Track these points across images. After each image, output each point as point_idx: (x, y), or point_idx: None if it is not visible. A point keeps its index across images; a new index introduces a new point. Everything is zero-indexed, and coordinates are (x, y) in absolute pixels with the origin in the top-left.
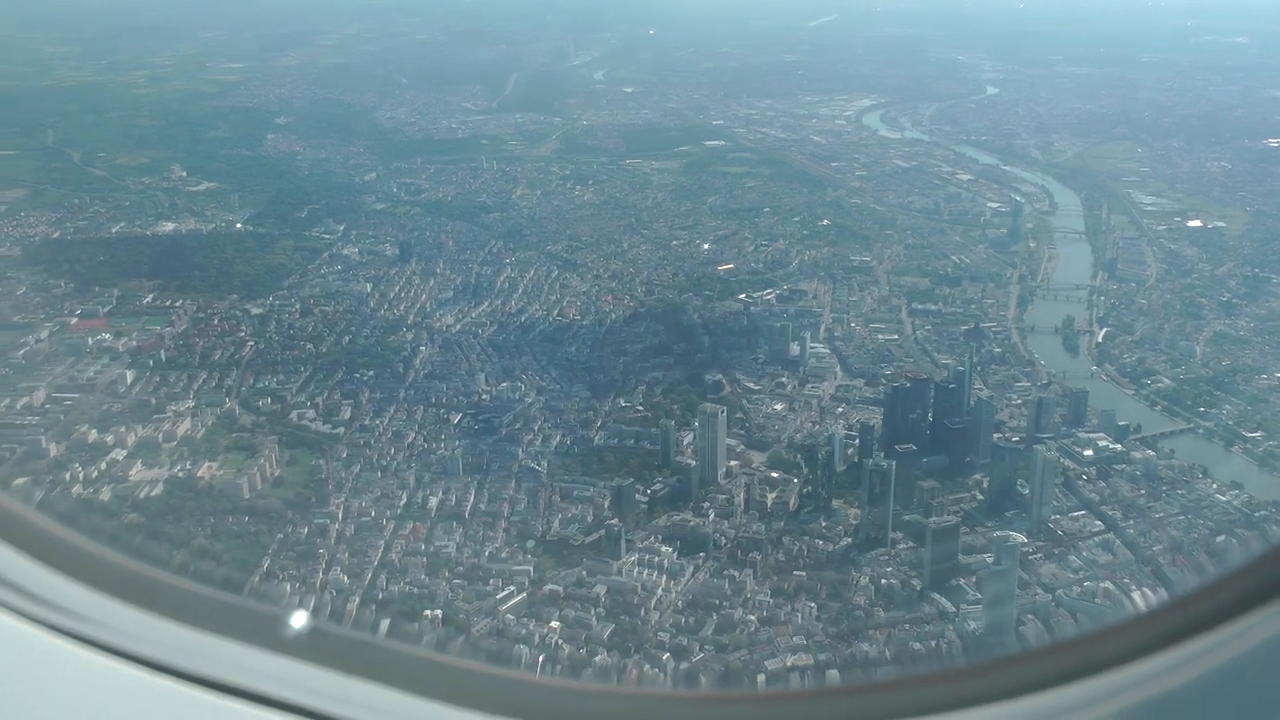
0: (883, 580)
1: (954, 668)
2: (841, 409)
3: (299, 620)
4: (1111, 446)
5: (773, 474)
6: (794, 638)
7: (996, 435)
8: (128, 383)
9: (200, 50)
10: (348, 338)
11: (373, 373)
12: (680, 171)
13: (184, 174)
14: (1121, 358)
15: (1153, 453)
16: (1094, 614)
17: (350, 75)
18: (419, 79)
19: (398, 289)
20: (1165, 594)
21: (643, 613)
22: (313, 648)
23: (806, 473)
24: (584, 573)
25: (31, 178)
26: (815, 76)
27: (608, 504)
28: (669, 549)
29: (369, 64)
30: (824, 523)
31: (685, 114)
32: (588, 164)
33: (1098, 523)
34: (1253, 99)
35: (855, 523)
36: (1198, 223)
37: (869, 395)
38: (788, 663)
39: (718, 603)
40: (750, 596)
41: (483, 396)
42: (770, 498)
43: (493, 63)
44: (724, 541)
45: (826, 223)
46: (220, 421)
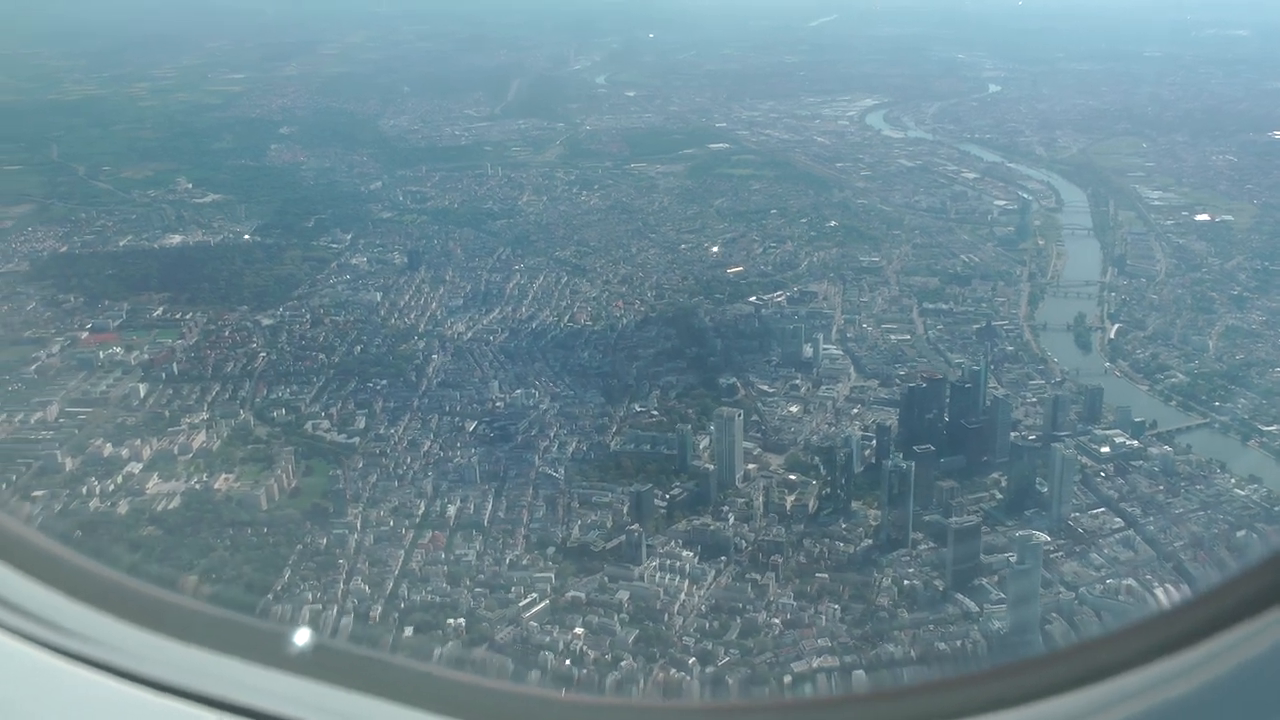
0: (905, 581)
1: (957, 675)
2: (856, 410)
3: (302, 637)
4: (1128, 443)
5: (791, 476)
6: (819, 640)
7: (1013, 434)
8: (141, 396)
9: (203, 61)
10: (359, 347)
11: (386, 382)
12: (685, 175)
13: (189, 186)
14: (1134, 353)
15: (1169, 448)
16: (1118, 612)
17: (353, 84)
18: (421, 86)
19: (407, 297)
20: (1172, 598)
21: (666, 618)
22: (315, 664)
23: (825, 475)
24: (606, 579)
25: (37, 192)
26: (817, 77)
27: (627, 509)
28: (690, 553)
29: (371, 72)
30: (844, 524)
31: (688, 117)
32: (592, 169)
33: (1117, 520)
34: (1256, 91)
35: (875, 524)
36: (1205, 217)
37: (883, 396)
38: (814, 665)
39: (741, 606)
40: (773, 600)
41: (497, 404)
42: (789, 500)
43: (495, 69)
44: (745, 545)
45: (834, 224)
46: (235, 433)
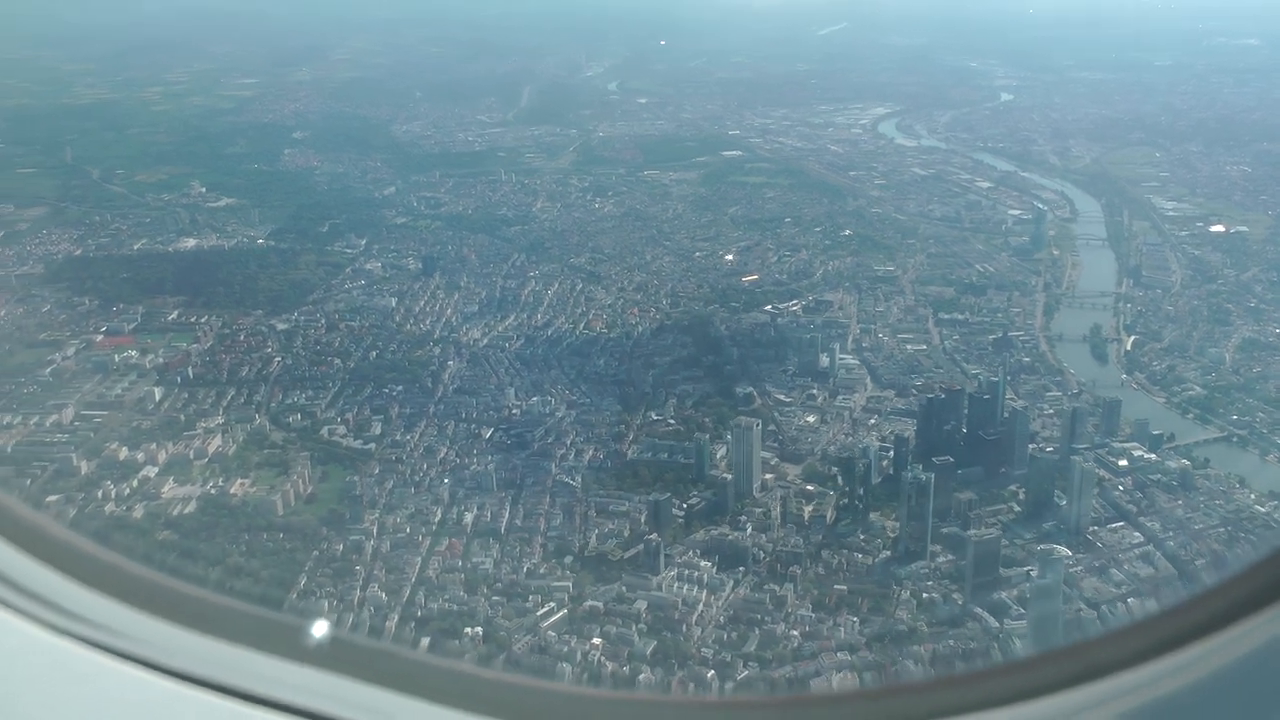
0: (924, 594)
1: (955, 674)
2: (873, 420)
3: (319, 629)
4: (1146, 456)
5: (808, 487)
6: (838, 653)
7: (1031, 446)
8: (156, 400)
9: (214, 66)
10: (375, 353)
11: (401, 388)
12: (699, 182)
13: (203, 190)
14: (1151, 365)
15: (1188, 462)
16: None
17: (364, 89)
18: (433, 92)
19: (422, 303)
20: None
21: (684, 628)
22: (332, 656)
23: (843, 485)
24: (623, 588)
25: (52, 195)
26: (828, 85)
27: (644, 518)
28: (708, 563)
29: (382, 77)
30: (862, 536)
31: (701, 124)
32: (606, 176)
33: (1137, 534)
34: (1268, 101)
35: (894, 535)
36: (1220, 228)
37: (900, 406)
38: (833, 678)
39: (759, 617)
40: (792, 611)
41: (513, 411)
42: (807, 511)
43: (505, 75)
44: (763, 555)
45: (848, 232)
46: (251, 438)
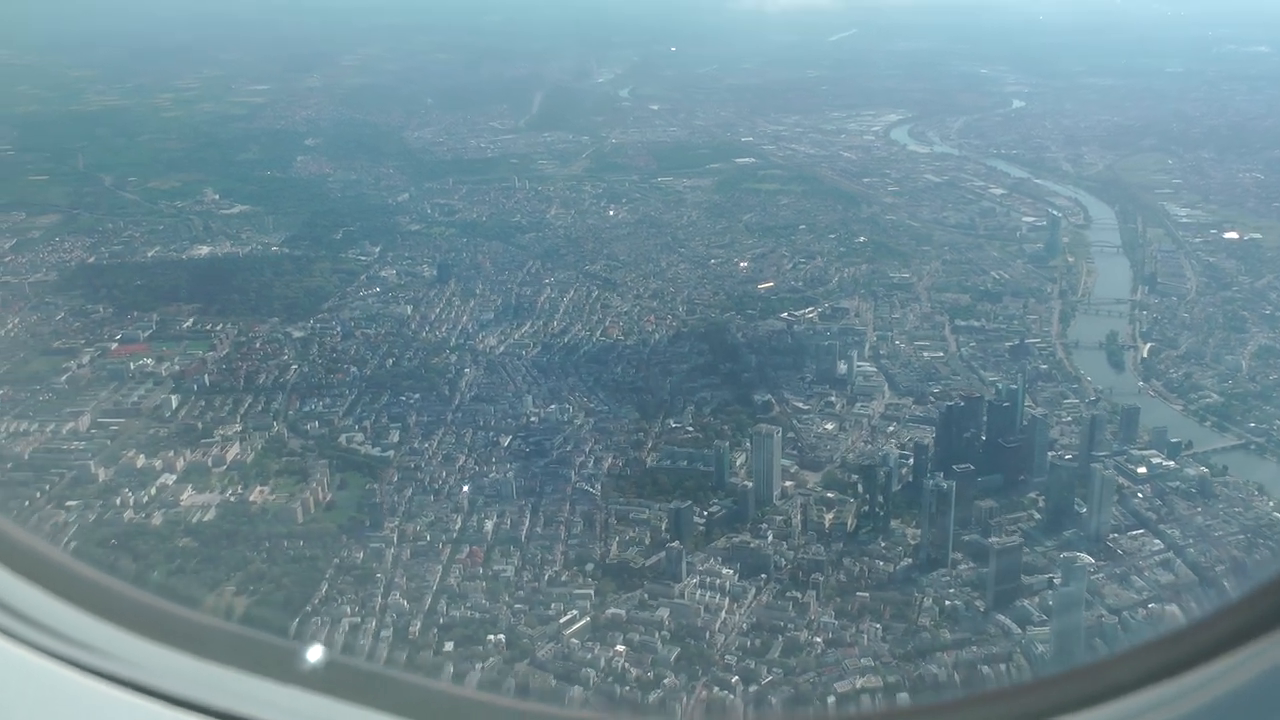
0: (946, 601)
1: (958, 698)
2: (892, 428)
3: (313, 652)
4: (1165, 463)
5: (828, 494)
6: (861, 660)
7: (1050, 453)
8: (173, 407)
9: (224, 72)
10: (391, 360)
11: (419, 395)
12: (713, 189)
13: (216, 197)
14: (1168, 372)
15: (1206, 469)
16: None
17: (375, 95)
18: (444, 98)
19: (438, 310)
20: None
21: (707, 636)
22: (325, 679)
23: (863, 493)
24: (645, 596)
25: (64, 202)
26: (839, 92)
27: (665, 526)
28: (730, 571)
29: (393, 84)
30: (883, 543)
31: (713, 131)
32: (619, 182)
33: (1157, 542)
34: None
35: (915, 543)
36: (1234, 235)
37: (918, 414)
38: (857, 685)
39: (782, 625)
40: (814, 618)
41: (531, 418)
42: (828, 518)
43: (516, 81)
44: (784, 563)
45: (863, 239)
46: (269, 446)
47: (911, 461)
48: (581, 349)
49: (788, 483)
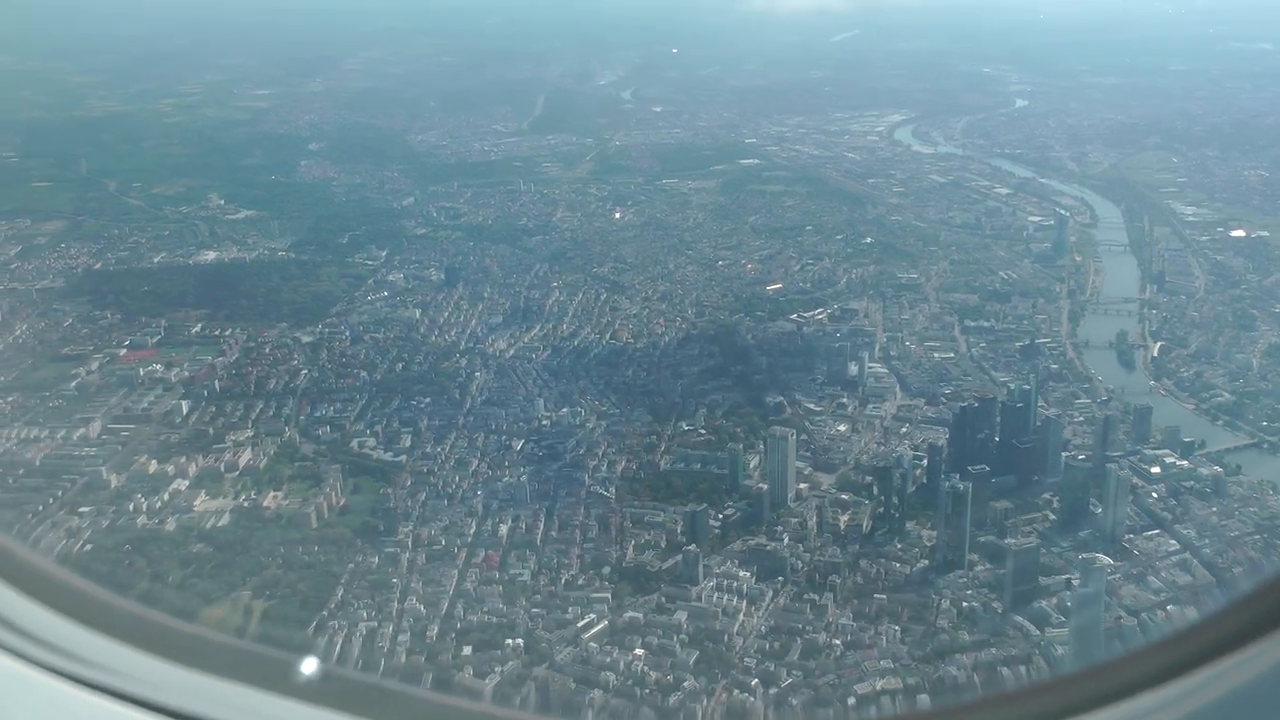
0: (964, 603)
1: (970, 701)
2: (905, 429)
3: (310, 665)
4: (1178, 463)
5: (843, 496)
6: (881, 661)
7: (1064, 454)
8: (184, 413)
9: (226, 77)
10: (401, 364)
11: (429, 400)
12: (718, 191)
13: (222, 202)
14: (1179, 372)
15: (1220, 469)
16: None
17: (378, 99)
18: (447, 101)
19: (447, 314)
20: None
21: (726, 638)
22: (324, 691)
23: (878, 494)
24: (663, 599)
25: (69, 208)
26: (842, 92)
27: (681, 529)
28: (746, 574)
29: (396, 87)
30: (899, 545)
31: (717, 133)
32: (624, 185)
33: (1172, 542)
34: None
35: (931, 544)
36: (1241, 233)
37: (931, 415)
38: (877, 686)
39: (801, 627)
40: (832, 621)
41: (543, 422)
42: (843, 520)
43: (519, 84)
44: (801, 565)
45: (869, 240)
46: (281, 451)
47: (925, 463)
48: (591, 352)
49: (802, 485)
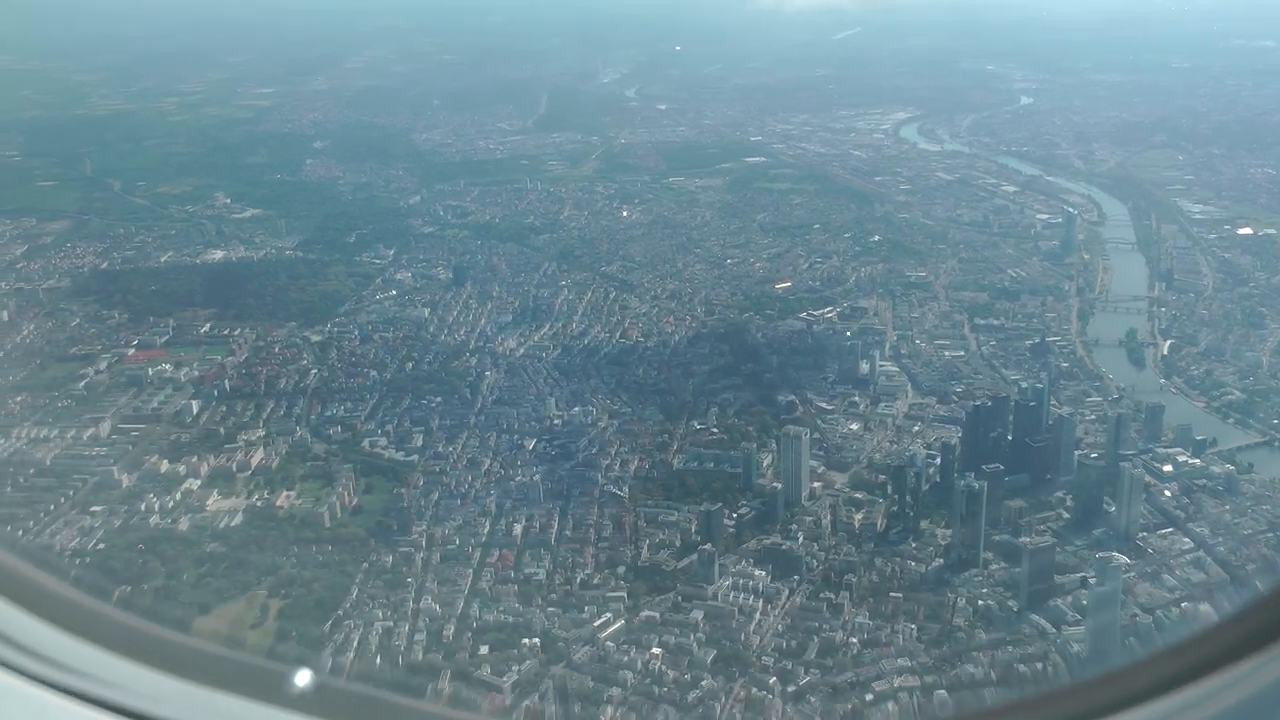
0: (980, 601)
1: (983, 709)
2: (917, 428)
3: (302, 676)
4: (1190, 461)
5: (857, 495)
6: (898, 660)
7: (1077, 452)
8: (194, 413)
9: (229, 76)
10: (410, 364)
11: (440, 399)
12: (724, 189)
13: (228, 201)
14: (1189, 370)
15: (1232, 467)
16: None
17: (382, 98)
18: (451, 100)
19: (455, 313)
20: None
21: (743, 637)
22: (317, 702)
23: (892, 493)
24: (679, 598)
25: (74, 208)
26: (847, 90)
27: (695, 528)
28: (762, 573)
29: (399, 85)
30: (914, 544)
31: (722, 130)
32: (631, 183)
33: (1186, 540)
34: None
35: (945, 543)
36: (1248, 230)
37: (943, 413)
38: (894, 685)
39: (817, 625)
40: (849, 619)
41: (555, 421)
42: (857, 519)
43: (522, 82)
44: (816, 564)
45: (878, 238)
46: (292, 450)
47: (939, 461)
48: (602, 351)
49: (816, 484)
